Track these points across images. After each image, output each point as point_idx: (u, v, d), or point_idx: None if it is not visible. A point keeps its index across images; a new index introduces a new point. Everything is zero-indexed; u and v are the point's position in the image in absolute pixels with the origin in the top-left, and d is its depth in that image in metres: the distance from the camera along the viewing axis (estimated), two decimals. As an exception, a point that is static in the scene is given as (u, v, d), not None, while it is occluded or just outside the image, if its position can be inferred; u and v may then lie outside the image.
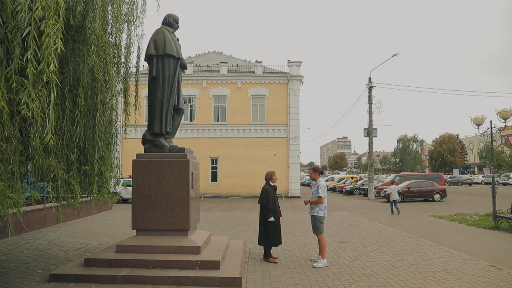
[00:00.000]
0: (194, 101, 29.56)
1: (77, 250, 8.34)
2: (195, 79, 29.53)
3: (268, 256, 7.38)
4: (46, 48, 2.79)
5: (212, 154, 29.05)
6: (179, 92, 7.26)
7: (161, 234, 6.65)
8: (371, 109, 28.66)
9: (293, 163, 28.94)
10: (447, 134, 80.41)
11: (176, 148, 6.98)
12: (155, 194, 6.69)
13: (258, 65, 29.99)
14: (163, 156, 6.83)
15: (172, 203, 6.65)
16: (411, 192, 24.61)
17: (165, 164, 6.73)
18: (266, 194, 7.37)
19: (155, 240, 6.55)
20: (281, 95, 29.17)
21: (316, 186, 7.37)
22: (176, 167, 6.71)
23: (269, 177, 7.65)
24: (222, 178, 28.93)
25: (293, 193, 28.48)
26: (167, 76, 6.95)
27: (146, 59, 7.15)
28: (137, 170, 6.76)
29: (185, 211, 6.63)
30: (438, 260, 7.53)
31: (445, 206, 21.14)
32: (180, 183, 6.68)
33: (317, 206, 7.31)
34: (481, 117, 14.47)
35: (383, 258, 7.75)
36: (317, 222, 7.33)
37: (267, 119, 29.16)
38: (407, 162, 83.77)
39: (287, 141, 28.92)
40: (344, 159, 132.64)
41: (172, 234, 6.65)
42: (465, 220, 13.85)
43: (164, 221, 6.64)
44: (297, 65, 29.36)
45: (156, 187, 6.69)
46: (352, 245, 9.21)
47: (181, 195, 6.66)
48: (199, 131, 29.16)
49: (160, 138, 6.95)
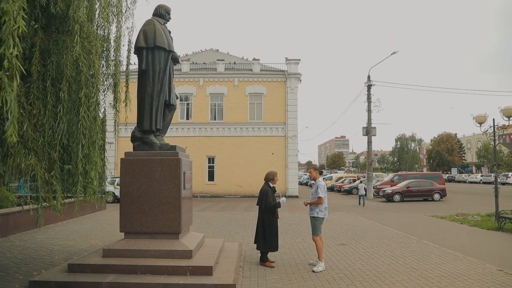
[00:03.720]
0: (191, 99, 29.13)
1: (64, 253, 7.94)
2: (191, 76, 29.10)
3: (264, 260, 7.00)
4: (6, 29, 2.40)
5: (208, 153, 28.65)
6: (170, 87, 6.86)
7: (151, 237, 6.26)
8: (370, 107, 28.32)
9: (291, 162, 28.58)
10: (445, 133, 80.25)
11: (167, 146, 6.59)
12: (145, 195, 6.30)
13: (255, 62, 29.58)
14: (153, 155, 6.44)
15: (162, 204, 6.27)
16: (410, 191, 24.30)
17: (155, 163, 6.34)
18: (266, 195, 6.99)
19: (144, 243, 6.16)
20: (279, 93, 28.79)
21: (316, 186, 7.00)
22: (166, 166, 6.32)
23: (271, 178, 7.26)
24: (219, 177, 28.54)
25: (291, 193, 28.12)
26: (158, 69, 6.56)
27: (136, 52, 6.75)
28: (125, 169, 6.36)
29: (176, 213, 6.25)
30: (443, 263, 7.18)
31: (445, 206, 20.84)
32: (171, 183, 6.29)
33: (317, 207, 6.95)
34: (484, 115, 14.14)
35: (385, 261, 7.39)
36: (316, 223, 6.97)
37: (264, 118, 28.78)
38: (405, 161, 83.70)
39: (285, 140, 28.55)
40: (342, 158, 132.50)
41: (163, 237, 6.26)
42: (467, 221, 13.52)
43: (154, 224, 6.26)
44: (295, 62, 28.98)
45: (145, 188, 6.30)
46: (352, 247, 8.85)
47: (172, 196, 6.27)
48: (195, 129, 28.74)
49: (150, 135, 6.56)
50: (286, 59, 29.05)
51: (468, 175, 62.57)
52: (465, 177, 60.32)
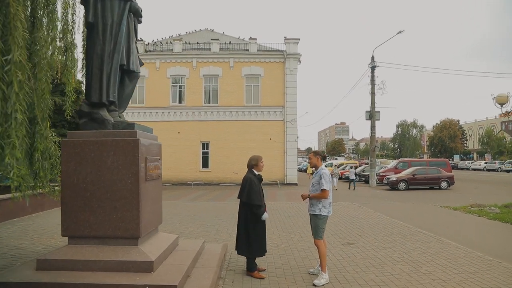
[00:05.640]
0: (183, 82, 27.40)
1: (9, 258, 6.45)
2: (184, 57, 27.29)
3: (252, 269, 5.53)
4: None
5: (203, 139, 27.09)
6: (130, 48, 5.27)
7: (102, 242, 4.78)
8: (374, 90, 26.66)
9: (290, 148, 27.01)
10: (448, 119, 78.53)
11: (123, 124, 5.04)
12: (93, 188, 4.78)
13: (252, 42, 27.71)
14: (104, 135, 4.89)
15: (116, 200, 4.76)
16: (416, 179, 22.85)
17: (107, 146, 4.80)
18: (250, 186, 5.47)
19: (91, 252, 4.67)
20: (277, 74, 27.03)
21: (318, 175, 5.49)
22: (121, 150, 4.79)
23: (254, 164, 5.76)
24: (214, 164, 27.04)
25: (289, 180, 26.68)
26: (110, 23, 4.97)
27: (82, 1, 5.14)
28: (67, 155, 4.83)
29: (134, 211, 4.74)
30: (477, 273, 5.71)
31: (454, 195, 19.42)
32: (127, 173, 4.77)
33: (319, 202, 5.45)
34: (506, 95, 12.58)
35: (403, 269, 5.93)
36: (319, 223, 5.49)
37: (262, 101, 27.09)
38: (406, 148, 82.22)
39: (284, 124, 26.93)
40: (342, 145, 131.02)
41: (117, 242, 4.77)
42: (485, 213, 12.07)
43: (106, 225, 4.76)
44: (294, 42, 27.14)
45: (94, 178, 4.79)
46: (361, 247, 7.40)
47: (128, 189, 4.76)
48: (188, 113, 27.09)
49: (100, 110, 5.00)
50: (284, 38, 27.19)
51: (471, 162, 61.26)
52: (468, 164, 59.08)
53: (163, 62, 27.35)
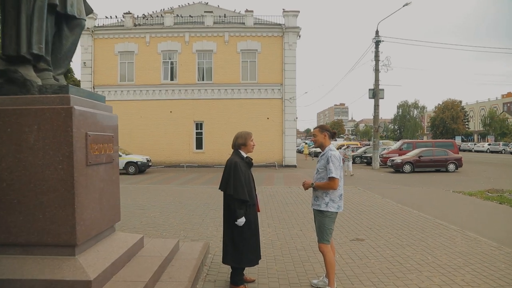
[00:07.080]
0: (175, 57, 25.67)
1: None
2: (175, 31, 25.50)
3: (237, 282, 4.20)
4: None
5: (196, 118, 25.60)
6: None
7: (25, 252, 3.42)
8: (378, 66, 25.07)
9: (288, 128, 25.58)
10: (450, 100, 76.91)
11: (53, 88, 3.59)
12: (11, 176, 3.39)
13: (248, 15, 25.85)
14: (24, 102, 3.46)
15: (43, 193, 3.37)
16: (422, 161, 21.57)
17: (29, 118, 3.38)
18: (235, 173, 4.09)
19: (10, 264, 3.32)
20: (275, 49, 25.31)
21: (325, 158, 4.12)
22: (48, 123, 3.37)
23: (242, 143, 4.34)
24: (208, 145, 25.67)
25: (288, 162, 25.39)
26: None
27: None
28: (-26, 129, 3.41)
29: (68, 208, 3.36)
30: (529, 284, 4.41)
31: (464, 178, 18.20)
32: (56, 155, 3.37)
33: (327, 194, 4.11)
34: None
35: (433, 278, 4.63)
36: (325, 222, 4.16)
37: (259, 78, 25.47)
38: (406, 129, 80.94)
39: (282, 103, 25.42)
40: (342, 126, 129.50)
41: (46, 252, 3.42)
42: (507, 200, 10.78)
43: (30, 228, 3.39)
44: (293, 15, 25.31)
45: (11, 163, 3.38)
46: (373, 245, 6.10)
47: (59, 178, 3.37)
48: (181, 91, 25.49)
49: (20, 68, 3.55)
50: (283, 10, 25.36)
51: (474, 144, 60.15)
52: (471, 145, 57.95)
53: (153, 37, 25.58)
